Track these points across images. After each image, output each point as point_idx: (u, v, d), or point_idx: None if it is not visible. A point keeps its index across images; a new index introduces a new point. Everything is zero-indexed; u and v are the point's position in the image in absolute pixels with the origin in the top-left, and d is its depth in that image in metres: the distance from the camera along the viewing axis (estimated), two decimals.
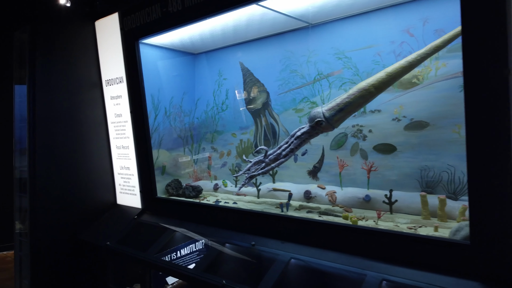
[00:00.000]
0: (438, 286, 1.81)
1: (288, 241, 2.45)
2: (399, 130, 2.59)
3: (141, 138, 3.49)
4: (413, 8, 2.51)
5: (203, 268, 2.52)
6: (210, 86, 3.84)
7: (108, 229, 3.51)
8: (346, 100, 2.44)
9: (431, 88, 2.45)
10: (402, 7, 2.56)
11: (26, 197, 3.53)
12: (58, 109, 3.57)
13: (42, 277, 3.42)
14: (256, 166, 2.84)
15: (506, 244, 1.65)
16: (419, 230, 2.15)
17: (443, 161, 2.38)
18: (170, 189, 3.60)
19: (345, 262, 2.12)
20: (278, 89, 3.28)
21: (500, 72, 1.59)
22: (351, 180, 2.81)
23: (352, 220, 2.37)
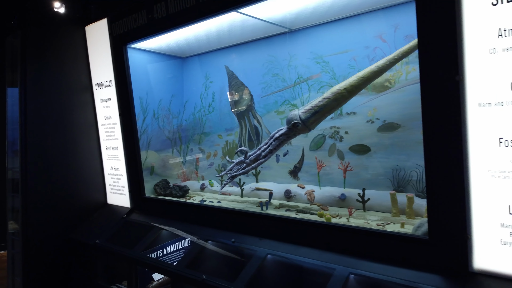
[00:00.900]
0: (400, 279, 1.93)
1: (266, 237, 2.56)
2: (373, 131, 2.71)
3: (129, 139, 3.61)
4: (385, 15, 2.63)
5: (185, 264, 2.64)
6: (197, 89, 3.96)
7: (98, 228, 3.62)
8: (320, 103, 2.56)
9: (402, 91, 2.57)
10: (375, 14, 2.67)
11: (18, 197, 3.64)
12: (49, 111, 3.68)
13: (34, 274, 3.53)
14: (237, 167, 2.95)
15: (460, 239, 1.76)
16: (387, 227, 2.27)
17: (413, 161, 2.50)
18: (158, 189, 3.72)
19: (316, 257, 2.24)
20: (261, 92, 3.39)
21: (453, 78, 1.71)
22: (328, 179, 2.93)
23: (326, 218, 2.49)
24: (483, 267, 1.71)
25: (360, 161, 2.76)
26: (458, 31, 1.67)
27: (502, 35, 1.56)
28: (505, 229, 1.64)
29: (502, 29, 1.56)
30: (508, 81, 1.56)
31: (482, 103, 1.63)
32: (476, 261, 1.73)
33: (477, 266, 1.73)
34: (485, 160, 1.65)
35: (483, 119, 1.64)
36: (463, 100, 1.68)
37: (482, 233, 1.70)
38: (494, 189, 1.64)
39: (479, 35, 1.62)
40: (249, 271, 2.33)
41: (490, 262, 1.69)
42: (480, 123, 1.65)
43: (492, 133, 1.62)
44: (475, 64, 1.64)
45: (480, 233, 1.70)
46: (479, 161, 1.67)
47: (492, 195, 1.65)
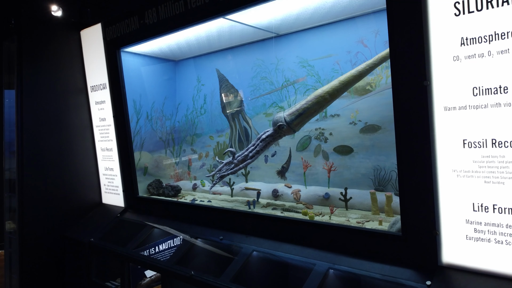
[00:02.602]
0: (376, 273, 2.03)
1: (252, 235, 2.66)
2: (355, 133, 2.81)
3: (123, 140, 3.71)
4: (366, 21, 2.74)
5: (175, 261, 2.74)
6: (189, 91, 4.06)
7: (93, 227, 3.72)
8: (304, 105, 2.66)
9: (382, 94, 2.68)
10: (356, 20, 2.78)
11: (15, 197, 3.74)
12: (45, 113, 3.78)
13: (30, 272, 3.63)
14: (226, 167, 3.06)
15: (430, 235, 1.87)
16: (366, 224, 2.38)
17: (392, 161, 2.60)
18: (151, 189, 3.82)
19: (298, 253, 2.34)
20: (250, 95, 3.50)
21: (421, 83, 1.82)
22: (314, 179, 3.03)
23: (310, 216, 2.60)
24: (450, 261, 1.81)
25: (343, 161, 2.87)
26: (425, 39, 1.78)
27: (464, 43, 1.67)
28: (470, 225, 1.74)
29: (464, 38, 1.67)
30: (471, 87, 1.67)
31: (448, 107, 1.74)
32: (445, 255, 1.83)
33: (445, 260, 1.83)
34: (450, 160, 1.76)
35: (449, 122, 1.74)
36: (431, 104, 1.79)
37: (449, 229, 1.80)
38: (459, 188, 1.75)
39: (444, 44, 1.73)
40: (234, 267, 2.44)
41: (457, 256, 1.79)
42: (446, 125, 1.76)
43: (456, 135, 1.73)
44: (440, 71, 1.75)
45: (448, 229, 1.81)
46: (446, 161, 1.77)
47: (458, 194, 1.76)
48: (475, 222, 1.72)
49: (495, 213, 1.67)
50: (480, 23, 1.63)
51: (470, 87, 1.67)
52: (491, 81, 1.62)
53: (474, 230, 1.73)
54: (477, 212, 1.71)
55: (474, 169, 1.70)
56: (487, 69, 1.62)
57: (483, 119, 1.65)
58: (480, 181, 1.69)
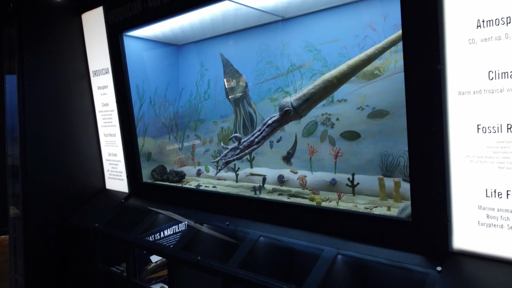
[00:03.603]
0: (385, 259, 2.03)
1: (258, 221, 2.65)
2: (362, 118, 2.78)
3: (126, 126, 3.68)
4: (374, 4, 2.68)
5: (181, 246, 2.74)
6: (193, 76, 4.02)
7: (97, 212, 3.71)
8: (311, 90, 2.63)
9: (391, 79, 2.64)
10: (364, 3, 2.73)
11: (19, 183, 3.73)
12: (47, 99, 3.74)
13: (35, 257, 3.64)
14: (232, 152, 3.04)
15: (441, 221, 1.86)
16: (374, 210, 2.37)
17: (401, 147, 2.58)
18: (155, 174, 3.80)
19: (306, 239, 2.34)
20: (255, 80, 3.46)
21: (435, 67, 1.78)
22: (320, 165, 3.01)
23: (317, 202, 2.58)
24: (462, 247, 1.80)
25: (350, 147, 2.84)
26: (440, 22, 1.73)
27: (480, 26, 1.63)
28: (482, 211, 1.73)
29: (481, 20, 1.63)
30: (486, 70, 1.64)
31: (462, 91, 1.71)
32: (455, 241, 1.82)
33: (456, 246, 1.82)
34: (464, 146, 1.73)
35: (463, 106, 1.71)
36: (444, 89, 1.76)
37: (460, 215, 1.79)
38: (472, 174, 1.73)
39: (459, 26, 1.69)
40: (241, 252, 2.43)
41: (468, 242, 1.78)
42: (459, 110, 1.72)
43: (470, 120, 1.70)
44: (455, 54, 1.71)
45: (459, 215, 1.79)
46: (458, 146, 1.75)
47: (470, 179, 1.74)
48: (488, 208, 1.71)
49: (508, 199, 1.65)
50: (498, 5, 1.59)
51: (485, 71, 1.64)
52: (507, 64, 1.58)
53: (487, 216, 1.72)
54: (490, 198, 1.69)
55: (488, 155, 1.68)
56: (504, 52, 1.59)
57: (498, 103, 1.62)
58: (494, 166, 1.66)
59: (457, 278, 1.75)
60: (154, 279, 3.12)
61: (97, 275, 3.40)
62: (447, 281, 1.74)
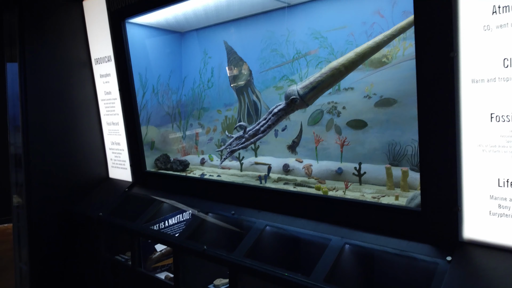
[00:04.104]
0: (393, 248, 2.02)
1: (264, 210, 2.64)
2: (369, 107, 2.75)
3: (129, 115, 3.65)
4: None
5: (186, 235, 2.73)
6: (196, 64, 3.97)
7: (101, 201, 3.70)
8: (318, 78, 2.59)
9: (399, 67, 2.60)
10: None
11: (21, 172, 3.71)
12: (49, 87, 3.70)
13: (39, 246, 3.64)
14: (237, 141, 3.01)
15: (451, 211, 1.84)
16: (382, 199, 2.35)
17: (408, 136, 2.55)
18: (159, 163, 3.78)
19: (313, 229, 2.32)
20: (259, 68, 3.41)
21: (447, 55, 1.74)
22: (326, 154, 2.99)
23: (323, 191, 2.57)
24: (472, 237, 1.79)
25: (356, 136, 2.82)
26: (454, 8, 1.69)
27: (496, 12, 1.59)
28: (494, 200, 1.71)
29: (497, 6, 1.59)
30: (501, 58, 1.60)
31: (475, 79, 1.68)
32: (466, 231, 1.81)
33: (466, 236, 1.81)
34: (476, 134, 1.70)
35: (476, 95, 1.68)
36: (457, 76, 1.72)
37: (471, 205, 1.77)
38: (484, 163, 1.70)
39: (474, 12, 1.65)
40: (248, 242, 2.42)
41: (479, 232, 1.77)
42: (472, 99, 1.69)
43: (484, 108, 1.67)
44: (469, 41, 1.68)
45: (470, 204, 1.77)
46: (471, 135, 1.72)
47: (482, 169, 1.71)
48: (500, 198, 1.69)
49: None
50: None
51: (500, 59, 1.60)
52: None
53: (499, 205, 1.70)
54: (503, 187, 1.67)
55: (501, 144, 1.65)
56: None
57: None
58: (507, 156, 1.64)
59: (467, 268, 1.74)
60: (159, 267, 3.12)
61: (102, 263, 3.41)
62: (457, 271, 1.73)
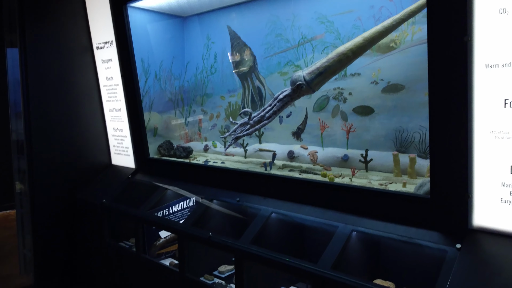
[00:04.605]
0: (401, 235, 2.00)
1: (270, 197, 2.62)
2: (376, 93, 2.71)
3: (132, 101, 3.61)
4: None
5: (191, 222, 2.72)
6: (199, 50, 3.91)
7: (104, 188, 3.69)
8: (325, 64, 2.55)
9: (407, 52, 2.55)
10: None
11: (24, 159, 3.69)
12: (50, 73, 3.66)
13: (43, 233, 3.64)
14: (241, 128, 2.98)
15: (461, 198, 1.82)
16: (389, 186, 2.33)
17: (416, 122, 2.52)
18: (162, 150, 3.76)
19: (319, 216, 2.31)
20: (264, 53, 3.36)
21: (461, 39, 1.70)
22: (331, 140, 2.96)
23: (329, 178, 2.54)
24: (482, 224, 1.77)
25: (363, 123, 2.78)
26: None
27: None
28: (506, 188, 1.68)
29: None
30: None
31: (490, 64, 1.64)
32: (476, 218, 1.79)
33: (476, 223, 1.79)
34: (489, 121, 1.67)
35: (490, 80, 1.64)
36: (470, 61, 1.68)
37: (482, 192, 1.75)
38: (496, 150, 1.68)
39: None
40: (253, 228, 2.41)
41: (489, 220, 1.75)
42: (486, 84, 1.66)
43: (498, 94, 1.63)
44: (484, 25, 1.63)
45: (481, 192, 1.75)
46: (483, 122, 1.69)
47: (495, 156, 1.69)
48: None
49: None
50: None
51: None
52: None
53: (510, 193, 1.67)
54: None
55: None
56: None
57: None
58: None
59: (477, 255, 1.72)
60: (163, 254, 3.11)
61: (105, 250, 3.40)
62: (467, 258, 1.71)
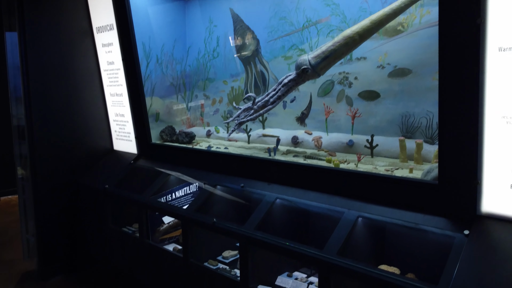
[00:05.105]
0: (407, 222, 1.99)
1: (274, 183, 2.60)
2: (383, 77, 2.66)
3: (133, 85, 3.56)
4: None
5: (195, 208, 2.70)
6: (201, 33, 3.85)
7: (106, 174, 3.67)
8: (331, 47, 2.50)
9: (415, 36, 2.50)
10: None
11: (25, 144, 3.66)
12: (50, 57, 3.60)
13: (46, 218, 3.63)
14: (245, 113, 2.94)
15: (469, 185, 1.79)
16: (395, 172, 2.30)
17: (423, 107, 2.48)
18: (164, 135, 3.73)
19: (325, 202, 2.29)
20: (267, 37, 3.30)
21: (473, 21, 1.66)
22: (336, 126, 2.93)
23: (335, 163, 2.52)
24: (491, 210, 1.75)
25: (368, 108, 2.74)
26: None
27: None
28: None
29: None
30: None
31: (503, 48, 1.59)
32: (484, 204, 1.77)
33: (485, 209, 1.77)
34: (501, 106, 1.64)
35: (503, 64, 1.60)
36: (483, 44, 1.64)
37: (492, 178, 1.72)
38: (508, 135, 1.64)
39: None
40: (259, 214, 2.39)
41: (498, 206, 1.73)
42: (499, 68, 1.62)
43: (511, 78, 1.60)
44: (497, 6, 1.58)
45: (490, 178, 1.73)
46: (495, 106, 1.65)
47: (506, 141, 1.66)
48: None
49: None
50: None
51: None
52: None
53: None
54: None
55: None
56: None
57: None
58: None
59: (485, 242, 1.71)
60: (166, 239, 3.11)
61: (109, 235, 3.40)
62: (475, 245, 1.70)
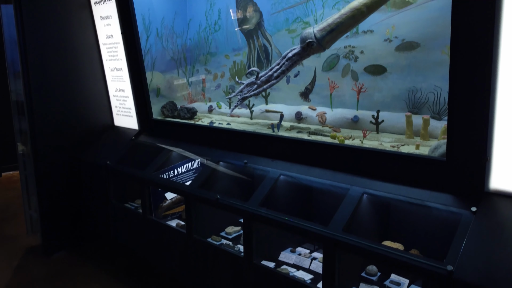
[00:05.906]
0: (413, 198, 1.97)
1: (278, 159, 2.57)
2: (390, 51, 2.59)
3: (133, 60, 3.49)
4: None
5: (198, 184, 2.69)
6: (202, 5, 3.74)
7: (107, 150, 3.64)
8: (337, 20, 2.42)
9: (424, 8, 2.42)
10: None
11: (25, 120, 3.61)
12: (47, 30, 3.51)
13: (48, 194, 3.62)
14: (248, 88, 2.89)
15: (478, 162, 1.76)
16: (401, 148, 2.27)
17: (431, 82, 2.42)
18: (166, 111, 3.68)
19: (330, 178, 2.27)
20: (271, 9, 3.21)
21: None
22: (341, 101, 2.87)
23: (339, 139, 2.48)
24: (499, 187, 1.73)
25: (374, 83, 2.68)
26: None
27: None
28: None
29: None
30: None
31: None
32: (493, 182, 1.75)
33: (493, 186, 1.75)
34: None
35: None
36: (498, 18, 1.58)
37: (502, 155, 1.69)
38: None
39: None
40: (262, 190, 2.37)
41: (507, 183, 1.70)
42: None
43: None
44: None
45: (500, 154, 1.70)
46: (508, 81, 1.60)
47: None
48: None
49: None
50: None
51: None
52: None
53: None
54: None
55: None
56: None
57: None
58: None
59: (493, 218, 1.69)
60: (169, 215, 3.11)
61: (111, 211, 3.40)
62: (482, 221, 1.68)
